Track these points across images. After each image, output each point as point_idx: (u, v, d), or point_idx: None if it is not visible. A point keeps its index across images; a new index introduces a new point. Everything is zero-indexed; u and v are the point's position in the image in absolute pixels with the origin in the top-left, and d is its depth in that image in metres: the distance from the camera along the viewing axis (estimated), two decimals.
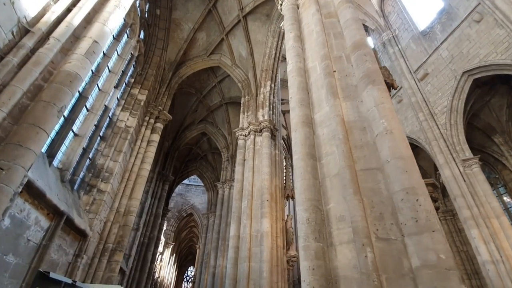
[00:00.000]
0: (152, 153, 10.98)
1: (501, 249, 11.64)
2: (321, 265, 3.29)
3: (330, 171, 4.00)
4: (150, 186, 15.46)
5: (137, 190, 9.89)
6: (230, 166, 18.25)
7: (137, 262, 14.13)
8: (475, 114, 17.56)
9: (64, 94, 4.14)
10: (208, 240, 19.90)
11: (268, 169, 10.69)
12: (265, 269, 8.49)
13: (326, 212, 3.77)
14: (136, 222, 14.00)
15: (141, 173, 10.27)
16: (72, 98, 4.32)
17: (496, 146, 18.71)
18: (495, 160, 19.07)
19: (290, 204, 21.55)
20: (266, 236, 9.13)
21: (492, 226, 12.16)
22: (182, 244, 42.90)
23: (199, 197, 35.00)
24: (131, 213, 9.38)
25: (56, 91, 4.06)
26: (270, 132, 11.86)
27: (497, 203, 12.68)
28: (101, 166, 8.58)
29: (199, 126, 19.97)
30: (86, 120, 7.49)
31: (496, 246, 11.79)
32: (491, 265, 11.66)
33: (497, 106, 17.60)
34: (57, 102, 4.03)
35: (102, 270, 8.06)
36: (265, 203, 9.81)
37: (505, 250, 11.51)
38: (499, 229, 12.03)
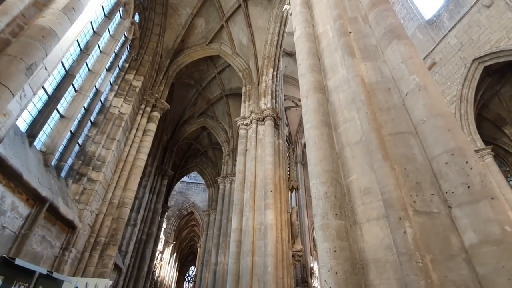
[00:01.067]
0: (148, 142, 10.37)
1: None
2: (345, 247, 2.67)
3: (350, 139, 3.37)
4: (148, 181, 14.85)
5: (132, 181, 9.28)
6: (231, 160, 17.63)
7: (134, 260, 13.51)
8: (484, 104, 16.90)
9: (34, 50, 3.54)
10: (209, 237, 19.28)
11: (272, 159, 10.06)
12: (269, 263, 7.86)
13: (346, 186, 3.15)
14: (133, 218, 13.39)
15: (137, 163, 9.66)
16: (45, 55, 3.72)
17: (506, 138, 18.06)
18: (505, 152, 18.41)
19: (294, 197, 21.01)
20: (270, 228, 8.50)
21: None
22: (183, 243, 42.28)
23: (200, 195, 34.37)
24: (126, 205, 8.76)
25: (25, 45, 3.46)
26: (273, 120, 11.24)
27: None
28: (92, 153, 7.97)
29: (199, 119, 19.35)
30: (74, 102, 6.89)
31: None
32: None
33: (508, 96, 16.91)
34: (26, 57, 3.43)
35: (94, 265, 7.45)
36: (268, 194, 9.18)
37: None
38: None
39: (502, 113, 17.46)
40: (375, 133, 2.98)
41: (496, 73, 15.57)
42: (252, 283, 7.85)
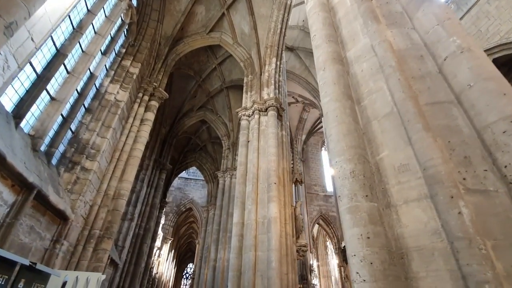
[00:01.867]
0: (146, 132, 9.89)
1: None
2: (380, 232, 2.25)
3: (378, 112, 2.93)
4: (146, 174, 14.38)
5: (129, 171, 8.82)
6: (231, 154, 17.19)
7: (131, 255, 13.08)
8: None
9: (15, 7, 3.06)
10: (208, 233, 18.87)
11: (275, 150, 9.62)
12: (273, 258, 7.44)
13: (375, 165, 2.72)
14: (130, 212, 12.95)
15: (134, 153, 9.19)
16: (27, 15, 3.25)
17: None
18: None
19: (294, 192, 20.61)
20: (274, 222, 8.07)
21: None
22: (181, 240, 41.89)
23: (198, 191, 33.92)
24: (122, 196, 8.30)
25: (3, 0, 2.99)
26: (276, 111, 10.79)
27: None
28: (86, 141, 7.49)
29: (198, 113, 18.87)
30: (66, 84, 6.40)
31: None
32: None
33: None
34: (4, 14, 2.96)
35: (87, 260, 7.00)
36: (272, 186, 8.75)
37: None
38: None
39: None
40: (411, 101, 2.55)
41: (504, 65, 15.19)
42: (255, 279, 7.43)
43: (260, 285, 7.31)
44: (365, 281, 2.09)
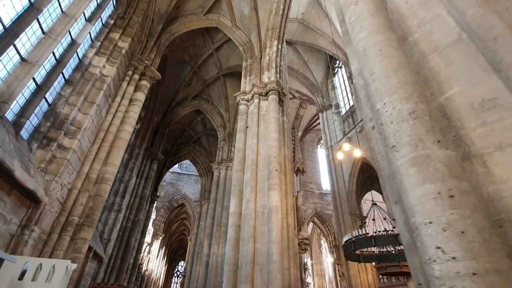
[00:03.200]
0: (135, 113, 9.02)
1: None
2: (467, 189, 1.53)
3: (437, 43, 2.21)
4: (136, 164, 13.47)
5: (115, 154, 7.94)
6: (227, 146, 16.39)
7: (118, 249, 12.17)
8: None
9: None
10: (201, 228, 18.05)
11: (276, 135, 8.88)
12: (274, 251, 6.70)
13: (439, 107, 1.98)
14: (117, 203, 12.04)
15: (121, 135, 8.32)
16: None
17: None
18: None
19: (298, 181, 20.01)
20: (275, 211, 7.33)
21: None
22: (173, 237, 40.86)
23: (191, 187, 32.98)
24: (106, 181, 7.43)
25: None
26: (277, 95, 10.04)
27: None
28: (65, 116, 6.61)
29: (193, 102, 18.00)
30: (40, 45, 5.51)
31: None
32: None
33: None
34: None
35: (63, 249, 6.13)
36: (273, 174, 8.00)
37: None
38: None
39: None
40: (495, 15, 1.81)
41: None
42: (254, 274, 6.68)
43: (259, 280, 6.56)
44: (456, 258, 1.37)
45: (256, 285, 6.52)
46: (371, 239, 10.00)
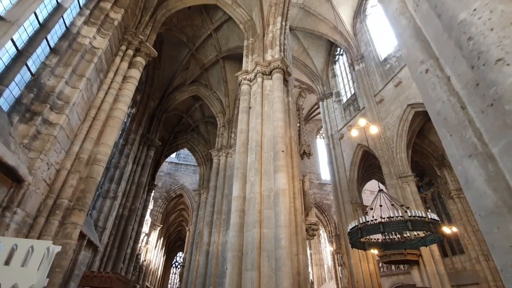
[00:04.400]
0: (130, 91, 8.35)
1: None
2: None
3: None
4: (132, 150, 12.83)
5: (108, 134, 7.32)
6: (227, 132, 15.78)
7: (114, 238, 11.66)
8: None
9: None
10: (200, 218, 17.60)
11: (282, 115, 8.29)
12: (283, 235, 6.20)
13: None
14: (113, 189, 11.46)
15: (115, 114, 7.67)
16: None
17: None
18: None
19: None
20: (282, 195, 6.81)
21: None
22: (171, 228, 40.54)
23: (189, 177, 32.46)
24: (99, 162, 6.82)
25: None
26: (282, 73, 9.41)
27: None
28: (50, 88, 5.95)
29: (190, 87, 17.26)
30: (20, 3, 4.82)
31: None
32: None
33: None
34: None
35: (52, 235, 5.57)
36: (279, 155, 7.45)
37: None
38: None
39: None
40: None
41: None
42: (261, 260, 6.19)
43: (266, 267, 6.08)
44: None
45: (263, 272, 6.04)
46: (380, 226, 9.56)
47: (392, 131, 18.09)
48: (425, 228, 9.42)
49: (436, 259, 14.40)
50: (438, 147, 20.94)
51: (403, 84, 17.34)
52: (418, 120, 17.87)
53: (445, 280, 13.73)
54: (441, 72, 2.12)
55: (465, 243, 18.47)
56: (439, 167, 21.21)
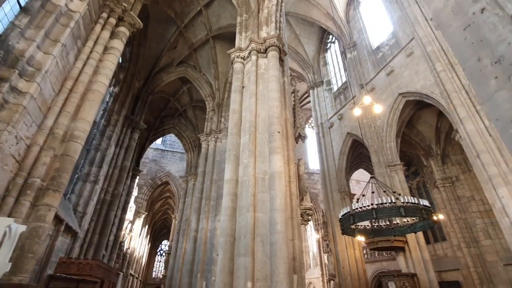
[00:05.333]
0: (112, 64, 7.58)
1: None
2: None
3: None
4: (114, 131, 12.01)
5: (87, 109, 6.60)
6: (217, 116, 15.15)
7: (95, 224, 10.99)
8: None
9: None
10: (187, 205, 17.10)
11: (278, 95, 7.82)
12: (278, 220, 5.85)
13: None
14: (94, 173, 10.72)
15: (94, 87, 6.93)
16: None
17: None
18: None
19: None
20: (278, 177, 6.42)
21: None
22: (156, 216, 39.83)
23: (176, 164, 31.64)
24: (76, 139, 6.14)
25: None
26: (278, 51, 8.87)
27: None
28: (20, 52, 5.17)
29: (178, 68, 16.37)
30: None
31: None
32: None
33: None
34: None
35: (22, 217, 4.94)
36: (275, 136, 7.02)
37: None
38: None
39: None
40: None
41: None
42: (255, 246, 5.83)
43: (260, 252, 5.73)
44: None
45: (258, 257, 5.70)
46: (372, 212, 9.45)
47: (382, 120, 18.10)
48: (418, 214, 9.41)
49: (421, 246, 14.69)
50: (425, 137, 21.23)
51: (395, 72, 17.25)
52: (408, 110, 17.93)
53: (429, 266, 14.04)
54: (501, 10, 1.73)
55: (447, 231, 19.04)
56: (425, 157, 21.56)
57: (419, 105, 18.17)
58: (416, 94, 15.79)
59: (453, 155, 20.34)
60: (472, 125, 12.08)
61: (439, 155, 20.78)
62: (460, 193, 19.23)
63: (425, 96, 15.28)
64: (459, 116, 12.70)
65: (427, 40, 15.03)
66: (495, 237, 16.89)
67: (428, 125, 20.51)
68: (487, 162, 11.27)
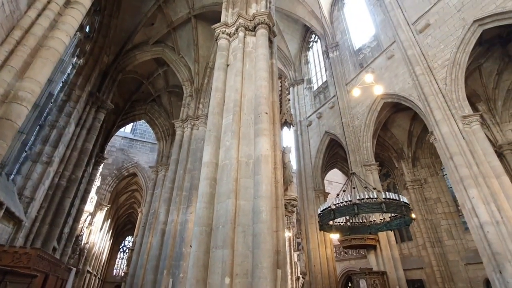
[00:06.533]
0: (75, 21, 6.37)
1: (502, 210, 10.34)
2: None
3: None
4: (75, 108, 10.52)
5: (39, 68, 5.40)
6: (194, 102, 14.10)
7: (46, 212, 9.51)
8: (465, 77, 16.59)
9: None
10: (156, 197, 15.86)
11: (266, 74, 7.14)
12: (263, 208, 5.16)
13: None
14: (47, 153, 9.25)
15: (51, 43, 5.72)
16: None
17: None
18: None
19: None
20: (264, 161, 5.73)
21: (492, 186, 10.81)
22: (120, 210, 37.30)
23: (145, 155, 29.74)
24: (21, 101, 4.95)
25: None
26: (267, 30, 8.19)
27: (498, 162, 11.33)
28: None
29: (154, 48, 15.04)
30: None
31: (497, 207, 10.45)
32: (490, 227, 10.27)
33: (488, 72, 16.73)
34: None
35: None
36: (262, 117, 6.32)
37: (506, 211, 10.24)
38: (499, 189, 10.71)
39: (477, 89, 17.28)
40: None
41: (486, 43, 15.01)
42: (235, 236, 5.09)
43: (241, 244, 5.01)
44: None
45: (237, 250, 4.97)
46: (354, 207, 9.17)
47: (360, 120, 18.28)
48: (398, 211, 9.29)
49: (392, 244, 14.91)
50: (398, 140, 21.85)
51: (376, 74, 17.42)
52: (385, 112, 18.26)
53: (398, 264, 14.26)
54: None
55: (414, 231, 19.72)
56: (397, 159, 22.22)
57: (395, 108, 18.59)
58: (394, 96, 16.05)
59: (423, 159, 21.15)
60: (447, 127, 12.38)
61: (410, 158, 21.50)
62: (428, 195, 20.01)
63: (403, 99, 15.55)
64: (435, 118, 12.97)
65: (408, 44, 15.32)
66: (457, 238, 17.73)
67: (401, 128, 21.12)
68: (459, 163, 11.56)
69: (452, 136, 12.36)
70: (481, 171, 11.26)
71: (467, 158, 11.70)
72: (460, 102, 12.97)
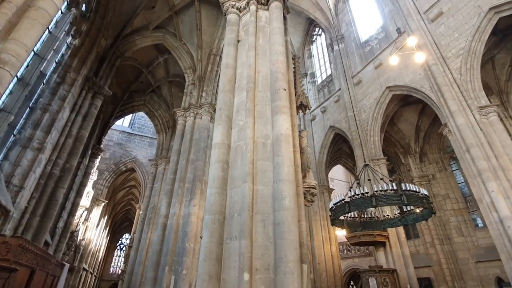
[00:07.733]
0: None
1: None
2: None
3: None
4: (70, 92, 9.72)
5: (26, 29, 4.64)
6: (197, 90, 13.33)
7: (37, 202, 8.73)
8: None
9: None
10: (156, 191, 15.12)
11: (283, 49, 6.43)
12: (286, 193, 4.45)
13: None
14: (38, 138, 8.46)
15: (40, 3, 4.95)
16: None
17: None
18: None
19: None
20: (285, 141, 5.01)
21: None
22: (118, 206, 36.46)
23: (144, 150, 28.89)
24: (3, 64, 4.20)
25: None
26: (282, 2, 7.47)
27: None
28: None
29: (155, 34, 14.24)
30: None
31: None
32: (511, 222, 9.64)
33: (501, 63, 16.12)
34: None
35: None
36: (281, 93, 5.60)
37: None
38: None
39: (490, 82, 16.66)
40: None
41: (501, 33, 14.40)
42: (253, 226, 4.38)
43: (261, 235, 4.29)
44: None
45: (257, 241, 4.26)
46: (372, 199, 8.52)
47: (367, 113, 17.62)
48: (419, 203, 8.64)
49: (402, 241, 14.26)
50: (405, 135, 21.23)
51: (384, 66, 16.79)
52: (392, 106, 17.64)
53: (409, 262, 13.62)
54: None
55: (421, 228, 19.13)
56: (404, 155, 21.61)
57: (403, 102, 17.98)
58: (404, 88, 15.41)
59: (430, 154, 20.55)
60: (463, 119, 11.71)
61: (417, 153, 20.90)
62: (436, 191, 19.41)
63: (413, 90, 14.91)
64: (450, 109, 12.29)
65: (420, 33, 14.64)
66: (467, 235, 17.15)
67: (408, 123, 20.50)
68: (477, 156, 10.90)
69: (468, 128, 11.69)
70: (500, 163, 10.61)
71: (485, 150, 11.04)
72: (476, 93, 12.29)
